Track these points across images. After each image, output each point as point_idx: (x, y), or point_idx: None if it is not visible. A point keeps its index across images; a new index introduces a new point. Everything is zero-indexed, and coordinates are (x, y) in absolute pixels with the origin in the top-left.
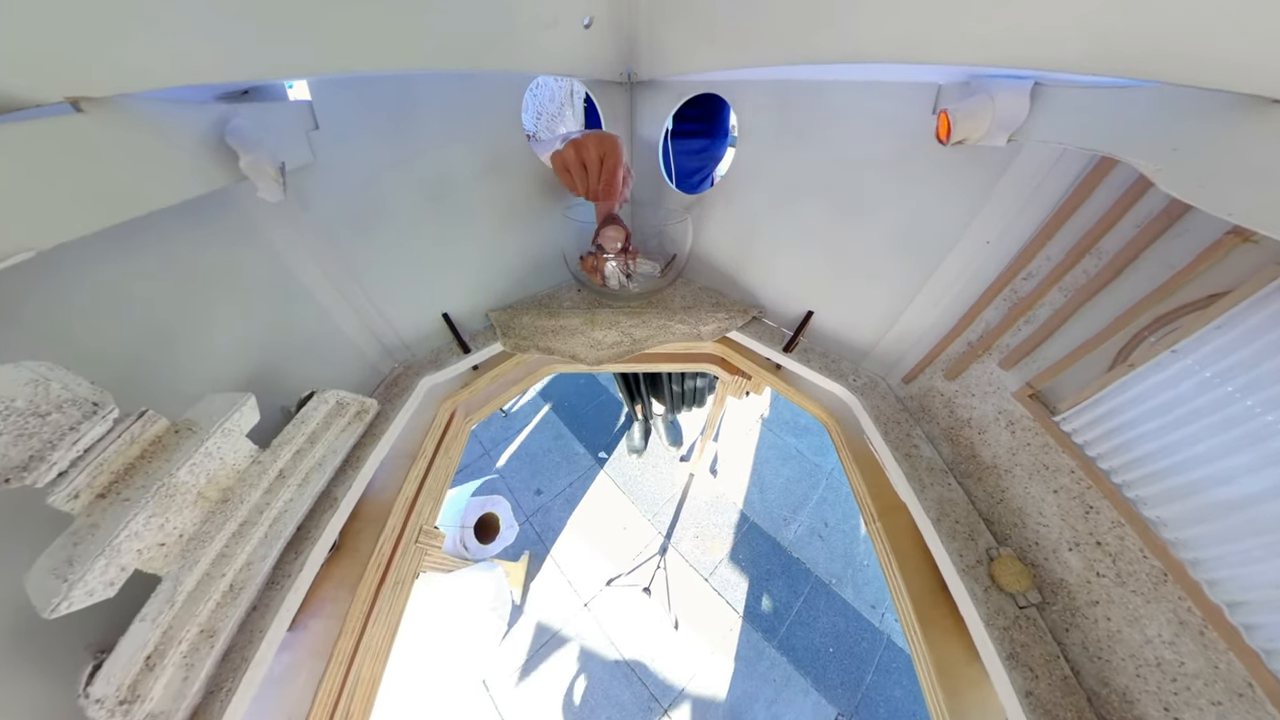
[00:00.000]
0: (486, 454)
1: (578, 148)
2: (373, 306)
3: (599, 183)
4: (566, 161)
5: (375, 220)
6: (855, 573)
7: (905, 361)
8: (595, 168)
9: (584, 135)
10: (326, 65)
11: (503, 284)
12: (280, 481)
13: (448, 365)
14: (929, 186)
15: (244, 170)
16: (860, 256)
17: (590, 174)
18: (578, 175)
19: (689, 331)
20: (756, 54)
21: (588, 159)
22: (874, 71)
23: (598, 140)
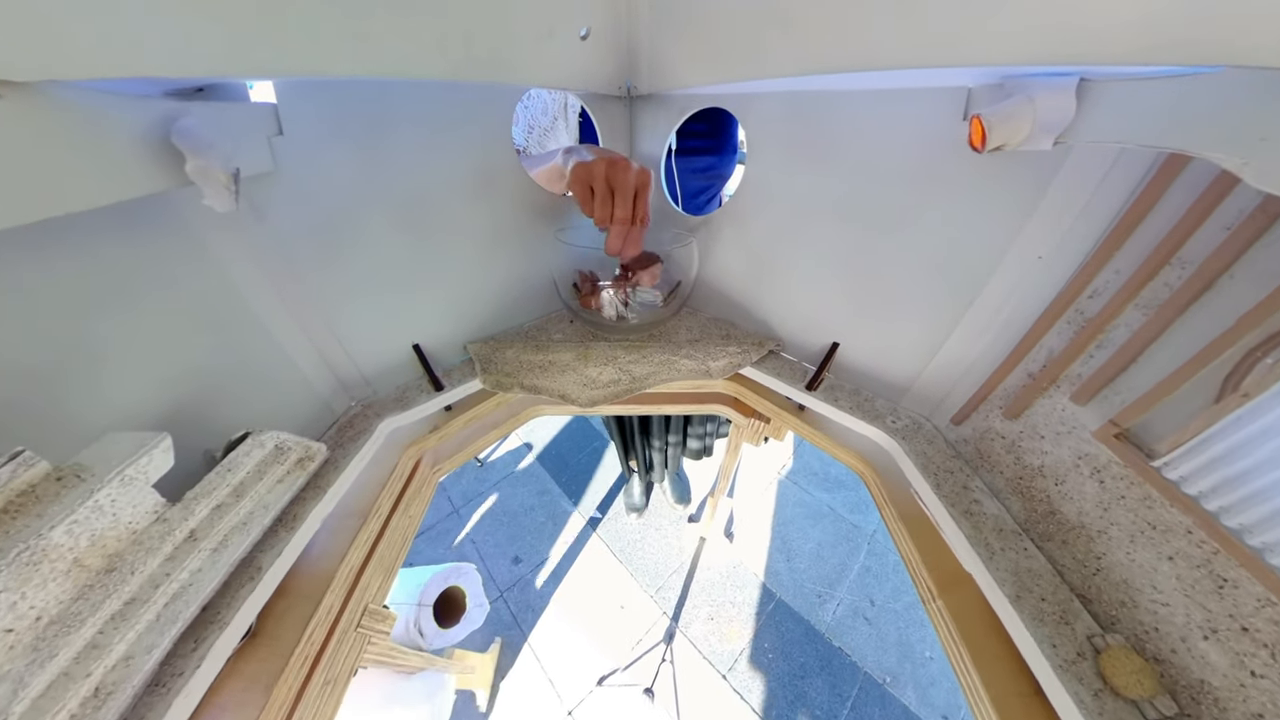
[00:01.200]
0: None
1: (613, 168)
2: (331, 334)
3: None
4: (594, 177)
5: (341, 238)
6: (916, 668)
7: (953, 398)
8: (629, 194)
9: (619, 156)
10: (294, 67)
11: (484, 313)
12: (189, 546)
13: (415, 405)
14: (965, 199)
15: (190, 175)
16: (890, 280)
17: (622, 199)
18: (602, 198)
19: (696, 368)
20: (765, 65)
21: (623, 185)
22: (894, 78)
23: (639, 170)
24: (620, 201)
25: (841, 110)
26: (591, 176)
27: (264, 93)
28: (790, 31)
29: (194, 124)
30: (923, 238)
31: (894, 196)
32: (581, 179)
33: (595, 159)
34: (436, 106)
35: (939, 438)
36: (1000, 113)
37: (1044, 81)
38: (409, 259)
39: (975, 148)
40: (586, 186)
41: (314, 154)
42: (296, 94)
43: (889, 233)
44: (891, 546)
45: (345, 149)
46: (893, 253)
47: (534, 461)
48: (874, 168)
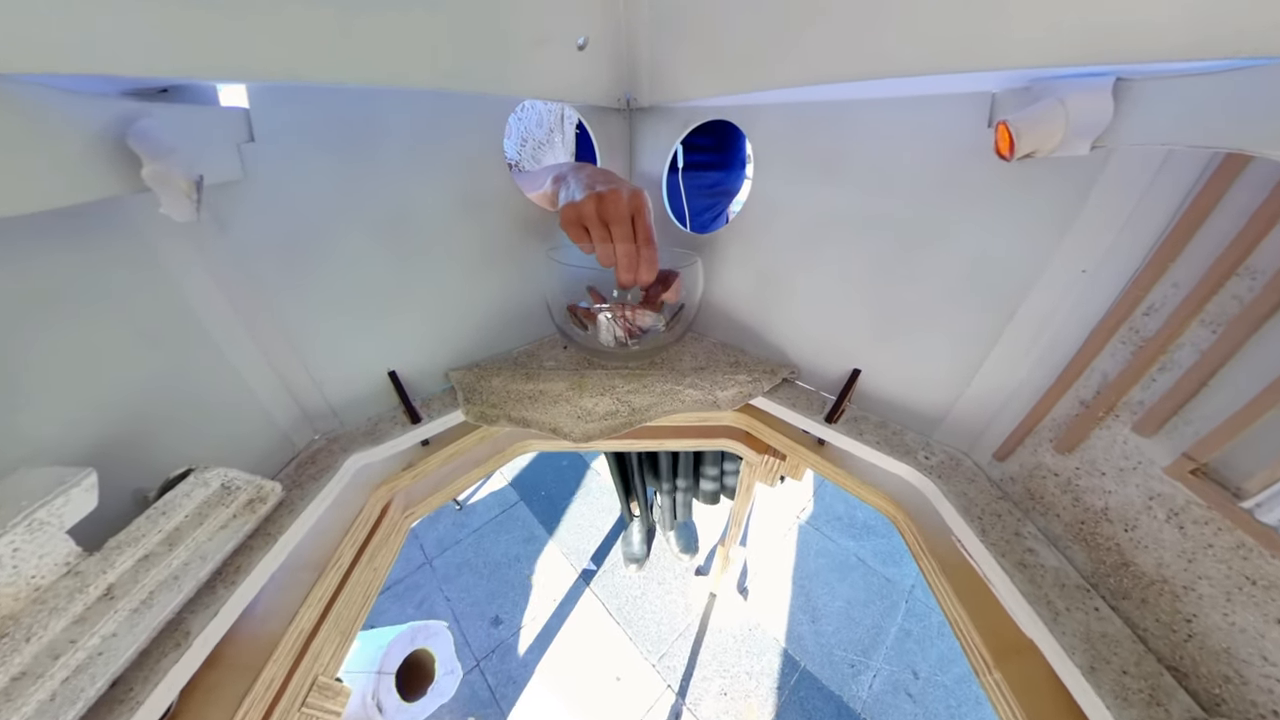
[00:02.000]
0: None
1: (602, 202)
2: (296, 358)
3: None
4: (585, 216)
5: (314, 254)
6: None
7: (994, 430)
8: (625, 225)
9: (611, 189)
10: (268, 72)
11: (469, 338)
12: (104, 605)
13: (388, 439)
14: (995, 210)
15: (146, 180)
16: (915, 299)
17: (619, 231)
18: (598, 234)
19: (703, 398)
20: (774, 75)
21: (615, 215)
22: (910, 85)
23: (630, 195)
24: (618, 232)
25: (854, 120)
26: (582, 218)
27: (236, 96)
28: (800, 39)
29: (153, 126)
30: (949, 253)
31: (915, 210)
32: (573, 221)
33: (583, 198)
34: (423, 116)
35: (980, 476)
36: (1029, 118)
37: (1076, 83)
38: (388, 278)
39: (1003, 156)
40: (580, 228)
41: (288, 163)
42: (271, 99)
43: (911, 248)
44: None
45: (323, 159)
46: (916, 270)
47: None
48: (892, 180)
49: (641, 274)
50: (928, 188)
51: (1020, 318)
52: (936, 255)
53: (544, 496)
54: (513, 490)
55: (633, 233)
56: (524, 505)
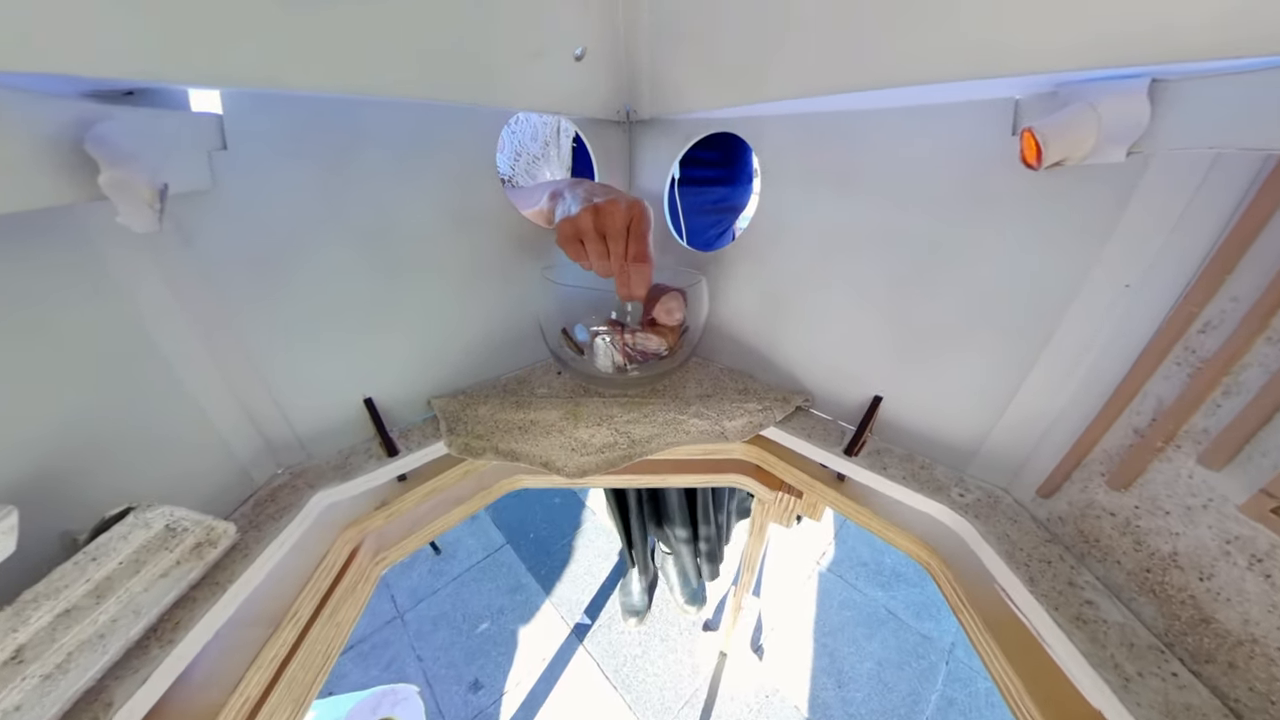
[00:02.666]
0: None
1: (599, 215)
2: (260, 382)
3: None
4: (582, 230)
5: (286, 270)
6: None
7: (1036, 464)
8: (621, 238)
9: (608, 200)
10: (244, 77)
11: (454, 363)
12: (10, 671)
13: (360, 473)
14: (1024, 222)
15: (103, 187)
16: (939, 320)
17: (614, 246)
18: (595, 248)
19: (709, 429)
20: (782, 86)
21: (611, 228)
22: (926, 93)
23: (626, 206)
24: (615, 247)
25: (868, 131)
26: (579, 232)
27: (209, 101)
28: (810, 48)
29: (114, 131)
30: (975, 268)
31: (936, 224)
32: (570, 237)
33: (579, 211)
34: (411, 127)
35: (1024, 515)
36: (1056, 124)
37: (1107, 85)
38: (367, 297)
39: (1030, 165)
40: (577, 244)
41: (263, 173)
42: (248, 105)
43: (933, 265)
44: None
45: (301, 170)
46: (939, 288)
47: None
48: (910, 193)
49: (634, 288)
50: (949, 200)
51: (1058, 338)
52: (961, 271)
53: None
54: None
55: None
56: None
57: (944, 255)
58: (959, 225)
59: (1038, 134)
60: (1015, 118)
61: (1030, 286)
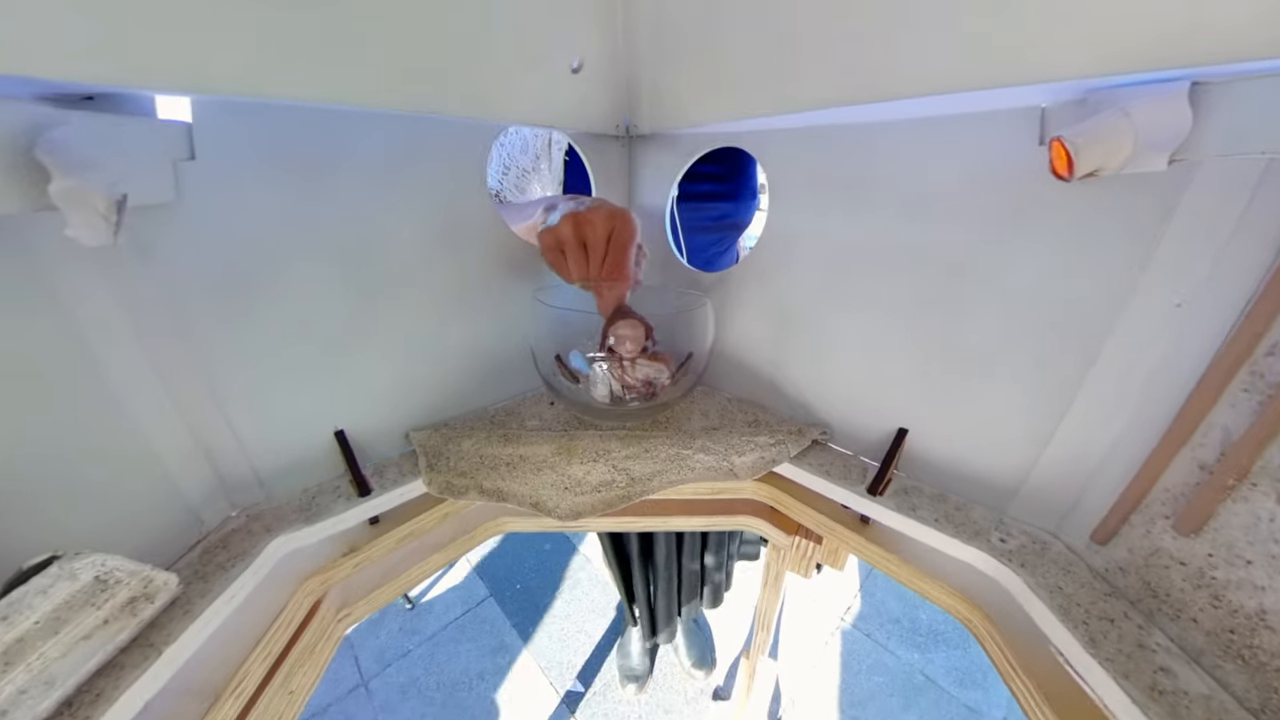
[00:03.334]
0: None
1: (579, 224)
2: (218, 412)
3: (601, 266)
4: (562, 240)
5: (253, 288)
6: None
7: (1089, 504)
8: (600, 249)
9: (590, 209)
10: (222, 84)
11: (437, 392)
12: None
13: (327, 515)
14: (1057, 236)
15: (53, 197)
16: (967, 344)
17: (592, 257)
18: (575, 258)
19: (716, 466)
20: (792, 98)
21: (591, 238)
22: (945, 103)
23: (607, 215)
24: (591, 256)
25: (883, 143)
26: (560, 241)
27: (177, 108)
28: (821, 58)
29: (69, 137)
30: (1005, 287)
31: (961, 240)
32: (550, 245)
33: (560, 220)
34: (397, 138)
35: (1078, 564)
36: (1088, 132)
37: (1142, 90)
38: (343, 320)
39: (1061, 176)
40: (557, 252)
41: (233, 185)
42: (220, 113)
43: (959, 284)
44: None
45: (275, 182)
46: (967, 308)
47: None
48: (930, 207)
49: (600, 304)
50: (973, 215)
51: (1103, 362)
52: (989, 291)
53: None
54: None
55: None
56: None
57: (970, 273)
58: (985, 241)
59: (1068, 143)
60: (1042, 127)
61: (1067, 306)
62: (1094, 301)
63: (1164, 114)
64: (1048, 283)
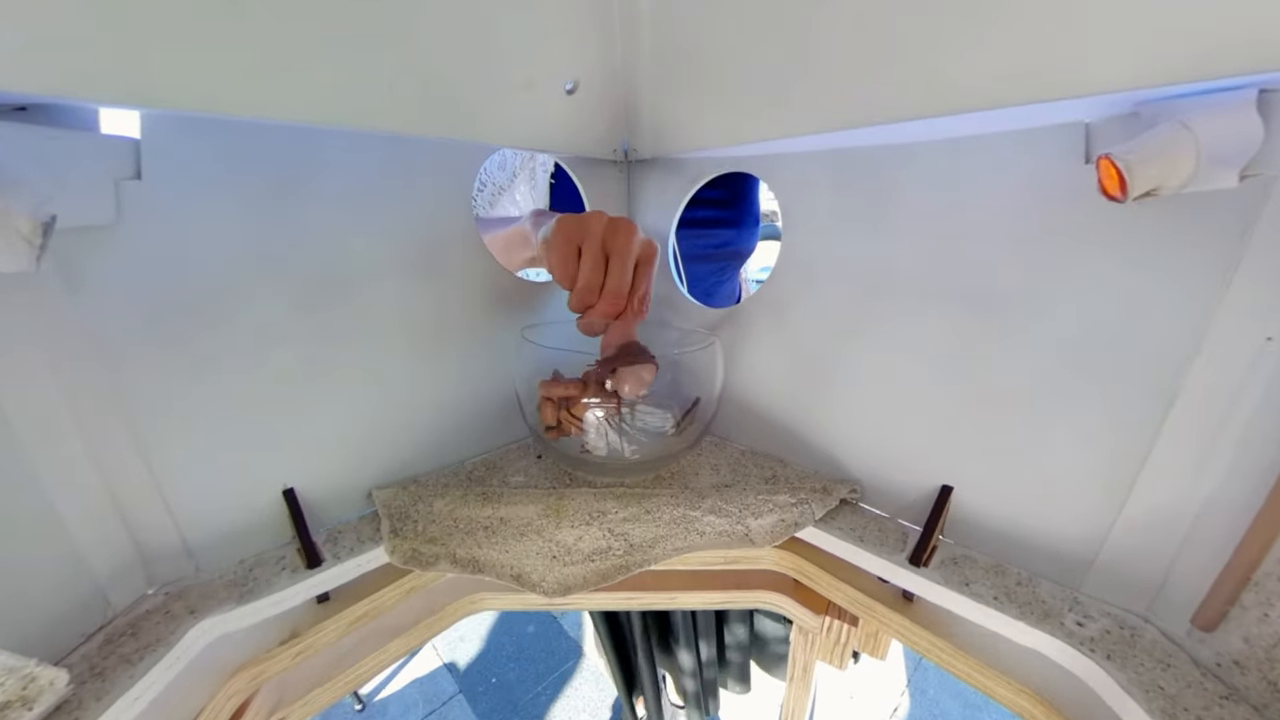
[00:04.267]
0: None
1: (615, 227)
2: (144, 467)
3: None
4: (588, 232)
5: (199, 323)
6: None
7: (1183, 579)
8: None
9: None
10: (179, 98)
11: (407, 443)
12: None
13: (266, 593)
14: (1111, 265)
15: None
16: (1017, 386)
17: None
18: (594, 262)
19: (729, 530)
20: (809, 119)
21: (623, 249)
22: (978, 122)
23: (647, 242)
24: (616, 268)
25: (909, 165)
26: (584, 233)
27: (122, 122)
28: (843, 75)
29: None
30: (1057, 321)
31: (1002, 269)
32: (569, 237)
33: (590, 213)
34: (374, 161)
35: (1180, 656)
36: (1142, 149)
37: (1202, 101)
38: (301, 360)
39: (1113, 197)
40: (574, 247)
41: (183, 208)
42: (173, 129)
43: (1003, 317)
44: None
45: (233, 205)
46: (1014, 345)
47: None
48: (964, 234)
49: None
50: (1015, 241)
51: (1182, 408)
52: (1039, 325)
53: (496, 686)
54: (449, 676)
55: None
56: (464, 700)
57: (1015, 307)
58: (1030, 270)
59: (1118, 161)
60: (1088, 143)
61: (1130, 342)
62: (1163, 337)
63: (1230, 125)
64: (1106, 316)
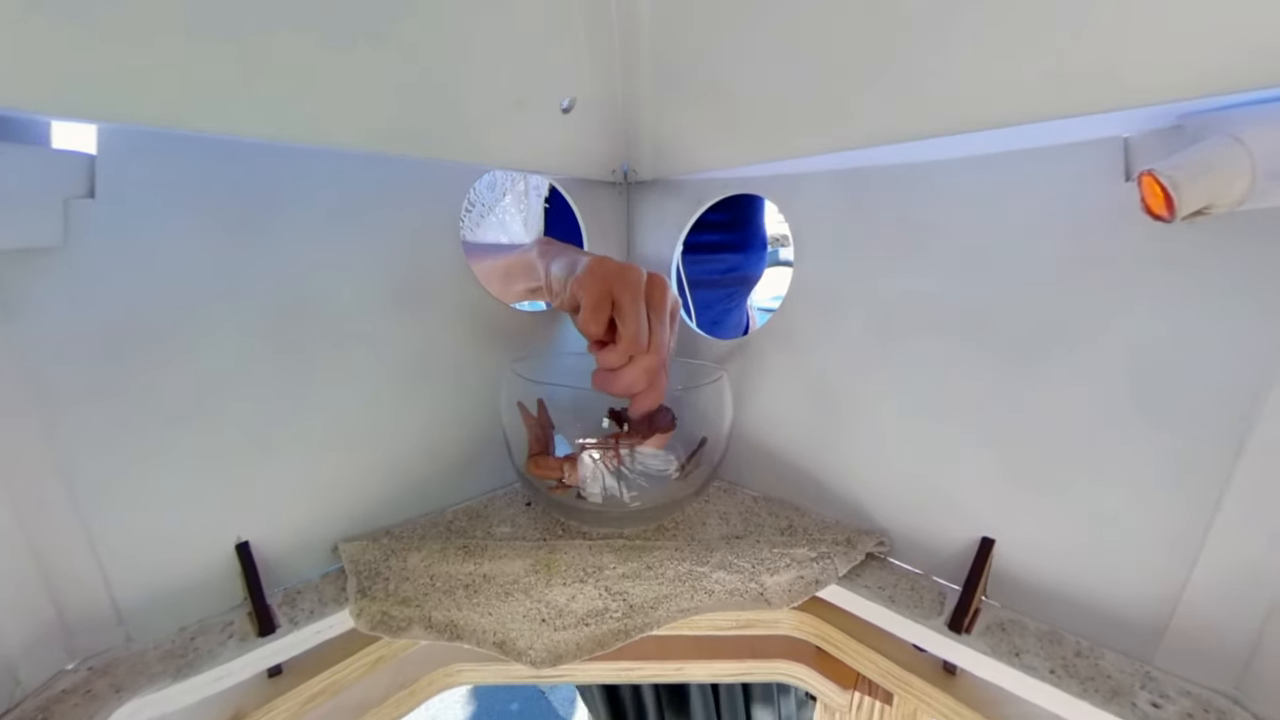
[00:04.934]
0: None
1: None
2: (76, 519)
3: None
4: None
5: (152, 356)
6: None
7: (1275, 651)
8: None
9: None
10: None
11: (379, 489)
12: None
13: (207, 666)
14: (1162, 292)
15: None
16: (1064, 425)
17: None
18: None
19: (742, 588)
20: (823, 137)
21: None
22: (1008, 138)
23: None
24: (658, 326)
25: (933, 185)
26: (624, 284)
27: (77, 136)
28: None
29: None
30: (1105, 351)
31: (1038, 297)
32: (605, 283)
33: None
34: (354, 182)
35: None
36: (1189, 165)
37: (1255, 112)
38: (264, 397)
39: (1159, 216)
40: (607, 296)
41: (141, 231)
42: (132, 145)
43: (1043, 351)
44: None
45: (197, 228)
46: (1057, 382)
47: None
48: (997, 260)
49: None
50: (1051, 266)
51: (1255, 453)
52: (1086, 357)
53: None
54: None
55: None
56: None
57: (1055, 339)
58: (1071, 297)
59: (1163, 178)
60: (1127, 159)
61: (1187, 377)
62: (1225, 371)
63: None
64: (1160, 349)
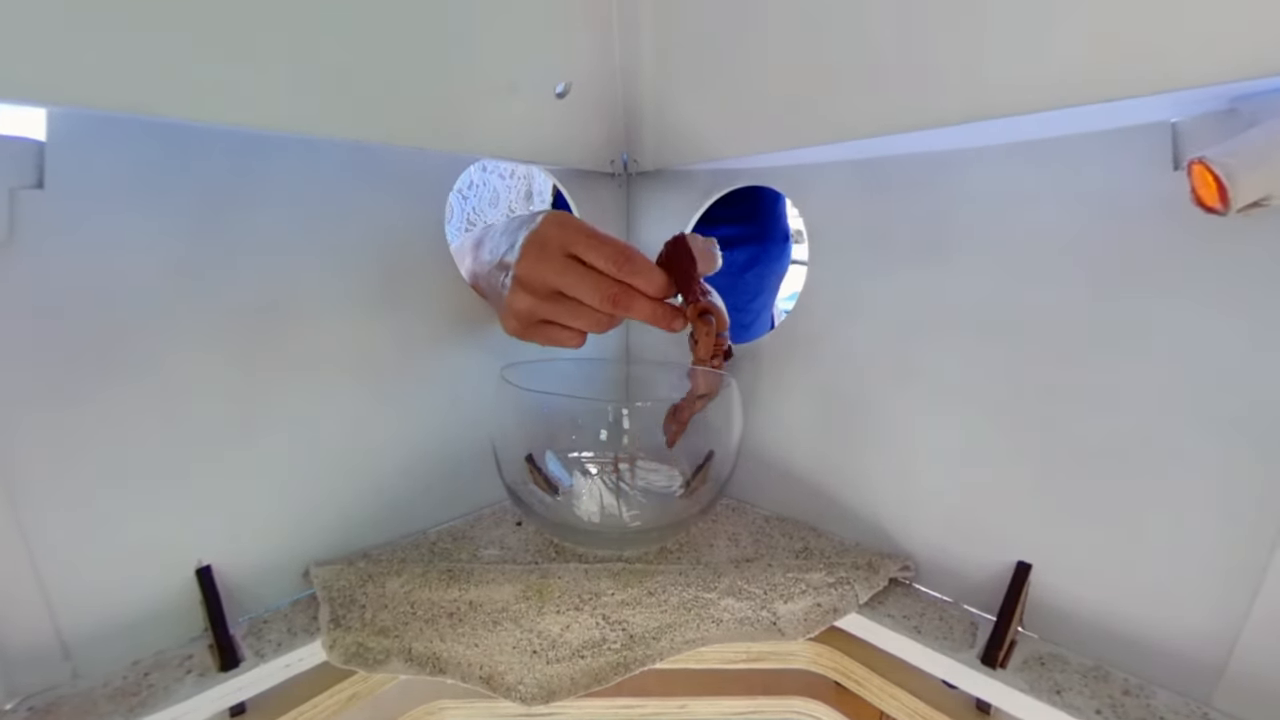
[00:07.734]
0: None
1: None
2: (18, 541)
3: None
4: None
5: (99, 362)
6: None
7: None
8: None
9: None
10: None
11: (356, 508)
12: None
13: (160, 705)
14: (1216, 292)
15: None
16: (1103, 444)
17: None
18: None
19: (753, 617)
20: (841, 124)
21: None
22: (1044, 123)
23: None
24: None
25: (961, 177)
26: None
27: (25, 121)
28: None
29: None
30: (1153, 359)
31: (1078, 299)
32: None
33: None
34: (330, 171)
35: None
36: (1245, 152)
37: None
38: (227, 406)
39: (1212, 208)
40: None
41: (95, 224)
42: (85, 131)
43: (1083, 359)
44: None
45: (156, 222)
46: (1098, 392)
47: None
48: (1032, 257)
49: None
50: (1093, 264)
51: None
52: (1130, 367)
53: None
54: None
55: None
56: None
57: (1096, 345)
58: (1113, 298)
59: (1215, 167)
60: (1175, 147)
61: (1247, 388)
62: None
63: None
64: (1213, 356)
